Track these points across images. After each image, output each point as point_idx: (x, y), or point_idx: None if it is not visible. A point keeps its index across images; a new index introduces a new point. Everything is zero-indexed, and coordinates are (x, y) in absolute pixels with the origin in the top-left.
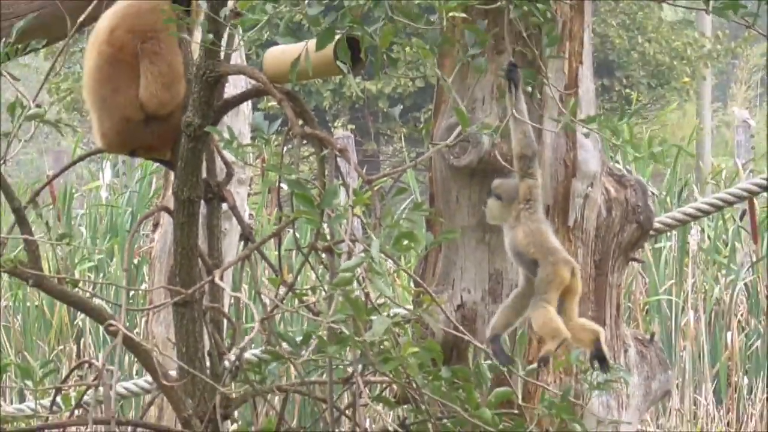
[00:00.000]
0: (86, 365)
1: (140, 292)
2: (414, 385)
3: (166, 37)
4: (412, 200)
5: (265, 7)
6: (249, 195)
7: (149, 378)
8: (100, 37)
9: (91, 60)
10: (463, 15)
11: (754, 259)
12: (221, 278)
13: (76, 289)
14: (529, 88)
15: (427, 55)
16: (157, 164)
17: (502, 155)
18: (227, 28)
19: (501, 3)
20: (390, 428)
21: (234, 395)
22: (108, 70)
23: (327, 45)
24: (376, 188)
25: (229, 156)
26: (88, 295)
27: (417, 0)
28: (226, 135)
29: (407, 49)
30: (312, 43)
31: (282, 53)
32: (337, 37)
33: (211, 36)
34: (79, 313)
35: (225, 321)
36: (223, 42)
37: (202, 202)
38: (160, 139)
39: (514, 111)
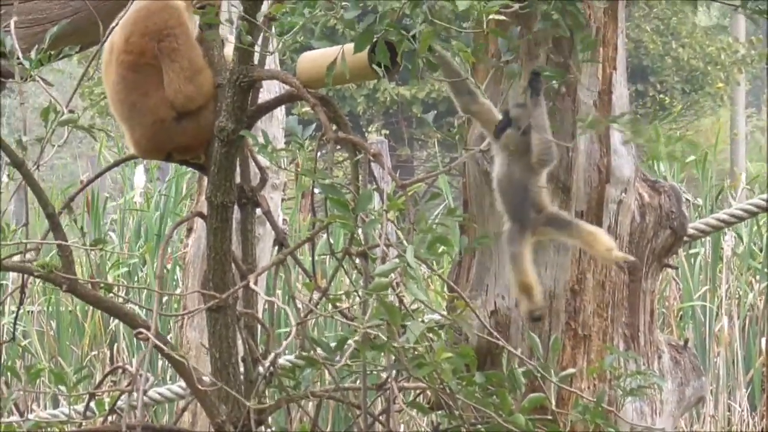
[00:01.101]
0: (120, 371)
1: (174, 297)
2: (448, 390)
3: (181, 32)
4: (445, 206)
5: (301, 11)
6: (283, 200)
7: (183, 383)
8: (117, 49)
9: (112, 74)
10: (502, 18)
11: None
12: (255, 283)
13: (110, 294)
14: (563, 89)
15: (468, 57)
16: (190, 168)
17: None
18: (262, 33)
19: (532, 8)
20: None
21: (268, 401)
22: (133, 77)
23: (365, 48)
24: (409, 193)
25: (263, 161)
26: (121, 300)
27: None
28: (261, 139)
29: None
30: (348, 47)
31: (316, 58)
32: (374, 40)
33: (249, 38)
34: (112, 318)
35: (259, 326)
36: (257, 47)
37: (236, 206)
38: (193, 138)
39: (532, 119)
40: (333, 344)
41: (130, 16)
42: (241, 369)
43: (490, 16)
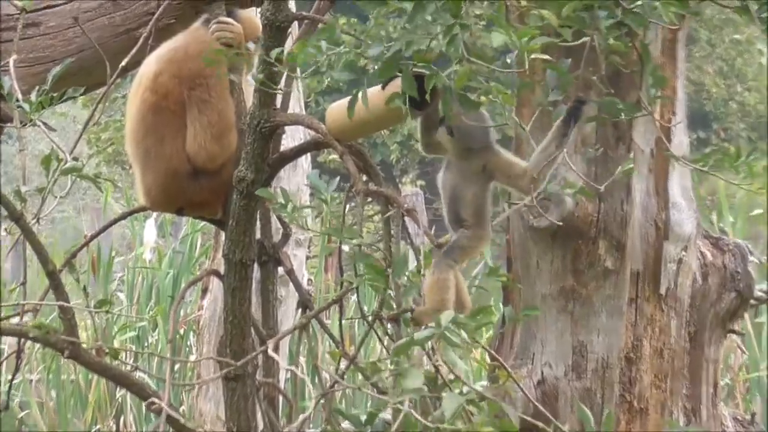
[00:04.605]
0: None
1: (187, 364)
2: None
3: (216, 83)
4: (485, 265)
5: (320, 47)
6: (307, 258)
7: None
8: (144, 83)
9: (133, 108)
10: (545, 57)
11: None
12: (276, 350)
13: (116, 361)
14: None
15: (508, 100)
16: (206, 223)
17: (587, 215)
18: (285, 72)
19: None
20: None
21: None
22: (152, 119)
23: (388, 75)
24: None
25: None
26: (129, 367)
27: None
28: (280, 197)
29: (481, 97)
30: (374, 90)
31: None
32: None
33: (262, 77)
34: (119, 387)
35: (280, 397)
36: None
37: (256, 265)
38: (209, 195)
39: (550, 143)
40: (363, 417)
41: (167, 52)
42: None
43: (533, 56)
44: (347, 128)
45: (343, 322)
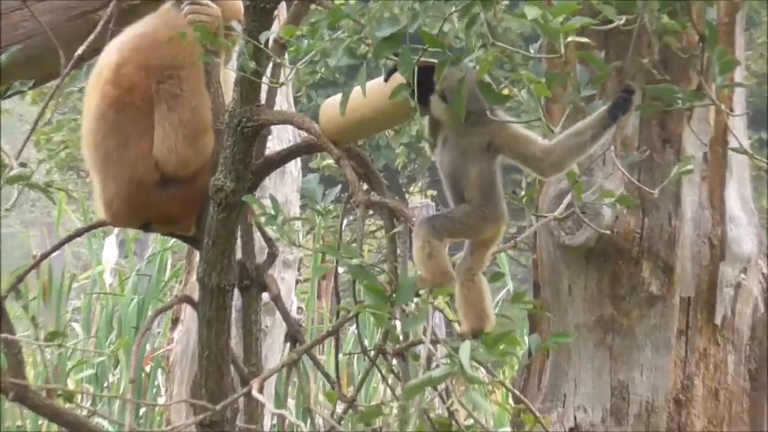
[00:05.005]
0: None
1: (155, 408)
2: None
3: (189, 75)
4: (508, 290)
5: (320, 33)
6: (297, 281)
7: None
8: (104, 75)
9: (92, 105)
10: (584, 39)
11: None
12: (260, 390)
13: (70, 404)
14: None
15: (543, 90)
16: (177, 240)
17: (629, 231)
18: (270, 62)
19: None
20: None
21: None
22: (114, 117)
23: (384, 55)
24: None
25: (273, 231)
26: (85, 412)
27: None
28: (268, 206)
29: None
30: (376, 82)
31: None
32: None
33: (251, 65)
34: None
35: None
36: (264, 84)
37: (236, 290)
38: (181, 208)
39: (586, 129)
40: None
41: (131, 38)
42: None
43: (569, 38)
44: (345, 128)
45: (341, 357)
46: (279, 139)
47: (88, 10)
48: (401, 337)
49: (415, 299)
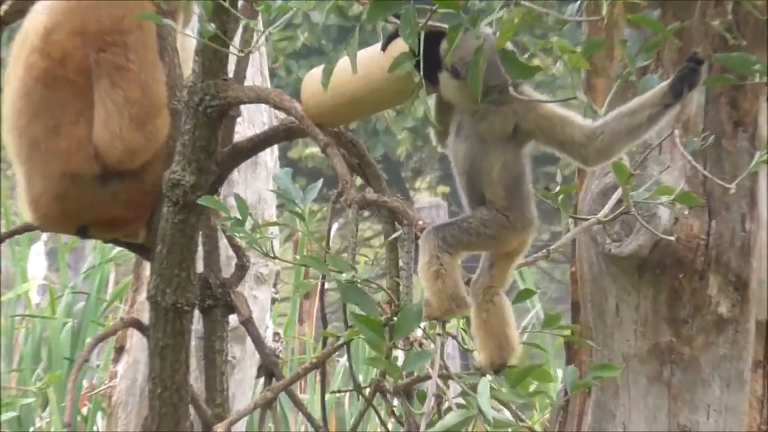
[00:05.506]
0: None
1: None
2: None
3: (137, 42)
4: (536, 312)
5: None
6: (274, 301)
7: None
8: (30, 43)
9: (15, 81)
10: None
11: None
12: None
13: None
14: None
15: (579, 62)
16: (122, 249)
17: (692, 238)
18: (240, 25)
19: None
20: None
21: None
22: (42, 95)
23: (381, 16)
24: None
25: (241, 239)
26: None
27: None
28: (233, 209)
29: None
30: (370, 50)
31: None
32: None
33: (213, 28)
34: None
35: None
36: (232, 53)
37: (197, 312)
38: (126, 208)
39: (642, 108)
40: None
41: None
42: None
43: None
44: (333, 108)
45: (328, 396)
46: (251, 121)
47: None
48: (403, 372)
49: (422, 323)
